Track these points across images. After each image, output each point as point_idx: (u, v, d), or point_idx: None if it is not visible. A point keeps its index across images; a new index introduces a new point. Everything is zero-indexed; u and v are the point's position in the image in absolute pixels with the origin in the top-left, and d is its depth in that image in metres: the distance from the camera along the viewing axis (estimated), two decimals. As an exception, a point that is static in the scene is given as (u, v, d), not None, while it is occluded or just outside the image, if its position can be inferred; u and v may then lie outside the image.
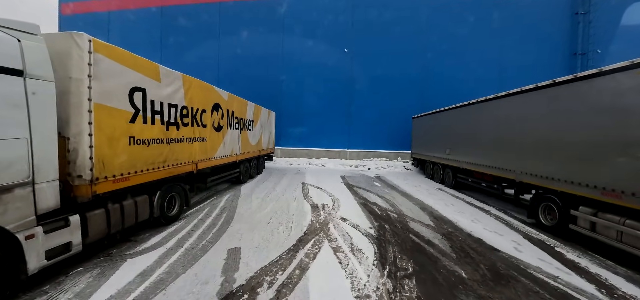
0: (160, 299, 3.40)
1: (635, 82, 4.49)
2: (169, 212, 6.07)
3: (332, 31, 20.01)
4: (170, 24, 22.44)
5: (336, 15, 19.97)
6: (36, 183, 3.43)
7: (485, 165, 8.73)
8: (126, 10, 23.53)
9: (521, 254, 4.99)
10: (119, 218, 4.69)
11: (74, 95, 3.91)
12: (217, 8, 21.41)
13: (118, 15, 23.70)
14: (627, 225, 4.60)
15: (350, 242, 5.23)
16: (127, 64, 4.75)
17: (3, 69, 3.12)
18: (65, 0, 25.11)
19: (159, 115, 5.60)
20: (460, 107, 10.53)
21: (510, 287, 3.88)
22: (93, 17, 24.28)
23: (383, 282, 3.89)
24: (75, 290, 3.57)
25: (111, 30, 23.56)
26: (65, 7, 25.19)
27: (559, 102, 5.99)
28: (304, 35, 20.32)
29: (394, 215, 7.16)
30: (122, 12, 23.62)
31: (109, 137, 4.38)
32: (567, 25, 18.83)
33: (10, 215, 3.17)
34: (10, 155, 3.17)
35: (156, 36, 22.72)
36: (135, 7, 23.36)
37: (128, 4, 23.55)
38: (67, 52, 3.87)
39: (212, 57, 21.50)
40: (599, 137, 5.07)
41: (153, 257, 4.46)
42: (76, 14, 24.83)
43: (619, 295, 3.79)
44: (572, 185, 5.59)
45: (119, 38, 23.33)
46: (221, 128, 8.71)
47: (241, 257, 4.55)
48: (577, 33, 18.68)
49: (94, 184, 4.15)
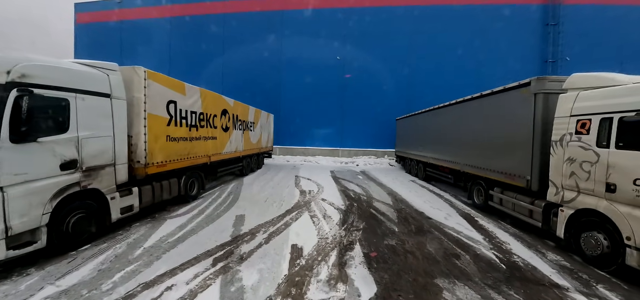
0: (194, 238, 5.36)
1: (521, 98, 6.43)
2: (190, 192, 8.06)
3: (327, 41, 21.96)
4: (178, 34, 24.48)
5: (331, 27, 21.91)
6: (116, 164, 5.43)
7: (443, 159, 10.68)
8: (137, 20, 25.57)
9: (446, 220, 6.94)
10: (160, 192, 6.69)
11: (136, 107, 5.90)
12: (222, 19, 23.42)
13: (130, 24, 25.72)
14: (517, 199, 6.54)
15: (324, 213, 7.20)
16: (165, 85, 6.74)
17: (100, 94, 5.11)
18: (81, 10, 27.23)
19: (184, 119, 7.59)
20: (429, 111, 12.48)
21: (424, 235, 5.83)
22: (106, 26, 26.33)
23: (339, 232, 5.85)
24: (138, 234, 5.54)
25: (124, 39, 25.62)
26: (80, 16, 27.29)
27: (480, 110, 7.95)
28: (300, 45, 22.27)
29: (364, 197, 9.13)
30: (133, 21, 25.65)
31: (154, 136, 6.37)
32: (539, 35, 20.75)
33: (103, 183, 5.17)
34: (104, 146, 5.17)
35: (165, 44, 24.75)
36: (146, 17, 25.40)
37: (139, 15, 25.60)
38: (131, 79, 5.85)
39: (216, 63, 23.52)
40: (502, 137, 7.02)
41: (185, 218, 6.45)
42: (90, 23, 26.91)
43: (496, 241, 5.71)
44: (490, 172, 7.54)
45: (130, 45, 25.48)
46: (228, 129, 10.70)
47: (245, 219, 6.53)
48: (548, 42, 20.60)
49: (146, 167, 6.13)
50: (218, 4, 23.70)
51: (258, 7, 22.89)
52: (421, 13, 21.30)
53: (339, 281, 3.89)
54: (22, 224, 3.91)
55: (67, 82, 4.54)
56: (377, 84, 21.62)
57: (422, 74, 21.24)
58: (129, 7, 25.69)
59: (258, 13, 22.85)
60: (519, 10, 20.78)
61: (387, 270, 4.26)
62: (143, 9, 25.43)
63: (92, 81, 4.98)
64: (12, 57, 3.98)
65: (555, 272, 4.39)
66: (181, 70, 23.19)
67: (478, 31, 20.89)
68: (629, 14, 20.06)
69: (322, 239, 5.46)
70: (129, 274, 3.96)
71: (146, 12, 25.44)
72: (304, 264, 4.36)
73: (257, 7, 22.90)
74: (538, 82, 5.91)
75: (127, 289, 3.58)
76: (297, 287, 3.70)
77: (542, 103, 5.85)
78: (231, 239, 5.33)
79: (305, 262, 4.45)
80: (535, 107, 5.91)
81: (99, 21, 26.60)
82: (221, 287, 3.67)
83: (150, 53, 24.78)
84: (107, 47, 25.97)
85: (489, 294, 3.69)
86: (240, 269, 4.16)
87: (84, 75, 4.86)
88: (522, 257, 4.90)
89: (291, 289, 3.66)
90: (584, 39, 20.23)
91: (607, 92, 4.58)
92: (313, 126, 22.44)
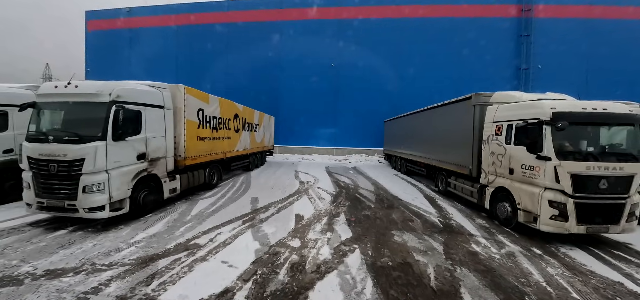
0: (224, 211, 7.35)
1: (465, 108, 8.52)
2: (212, 181, 10.07)
3: (323, 49, 24.02)
4: (185, 41, 26.36)
5: (325, 37, 23.98)
6: (167, 157, 7.44)
7: (418, 155, 12.80)
8: (146, 28, 27.40)
9: (413, 201, 9.03)
10: (192, 180, 8.70)
11: (178, 114, 7.90)
12: (226, 28, 25.37)
13: (139, 32, 27.54)
14: (464, 183, 8.64)
15: (319, 196, 9.26)
16: (196, 96, 8.74)
17: (157, 106, 7.12)
18: (91, 18, 28.97)
19: (208, 123, 9.59)
20: (409, 115, 14.61)
21: (392, 210, 7.91)
22: (116, 33, 28.11)
23: (330, 207, 7.91)
24: (182, 208, 7.54)
25: (133, 46, 27.44)
26: (91, 24, 29.02)
27: (442, 116, 10.09)
28: (299, 52, 24.30)
29: (352, 186, 11.21)
30: (143, 29, 27.47)
31: (190, 136, 8.37)
32: (513, 45, 23.01)
33: (159, 170, 7.17)
34: (160, 144, 7.17)
35: (172, 50, 26.63)
36: (154, 25, 27.25)
37: (147, 23, 27.44)
38: (175, 94, 7.85)
39: (219, 68, 25.45)
40: (455, 137, 9.12)
41: (212, 199, 8.47)
42: (101, 30, 28.66)
43: (444, 213, 7.79)
44: (448, 164, 9.64)
45: (140, 51, 27.32)
46: (239, 130, 12.71)
47: (258, 200, 8.56)
48: (522, 52, 22.86)
49: (184, 160, 8.13)
50: (222, 14, 25.64)
51: (259, 17, 24.89)
52: (408, 25, 23.45)
53: (327, 231, 5.95)
54: (117, 195, 5.91)
55: (140, 99, 6.54)
56: (367, 88, 23.71)
57: (408, 79, 23.36)
58: (138, 15, 27.54)
59: (259, 23, 24.84)
60: (495, 22, 23.03)
61: (360, 227, 6.33)
62: (150, 18, 27.29)
63: (153, 97, 6.98)
64: (111, 83, 5.98)
65: (475, 229, 6.49)
66: (186, 74, 25.14)
67: (459, 42, 23.06)
68: (595, 26, 22.36)
69: (317, 211, 7.53)
70: (188, 228, 5.97)
71: (153, 20, 27.30)
72: (305, 223, 6.42)
73: (259, 18, 24.90)
74: (476, 97, 8.02)
75: (192, 234, 5.60)
76: (300, 233, 5.76)
77: (478, 112, 7.94)
78: (251, 211, 7.36)
79: (306, 222, 6.51)
80: (474, 115, 8.01)
81: (109, 29, 28.36)
82: (252, 233, 5.72)
83: (157, 58, 26.68)
84: (117, 52, 27.83)
85: (423, 237, 5.78)
86: (261, 226, 6.20)
87: (148, 93, 6.87)
88: (458, 221, 7.01)
89: (297, 234, 5.71)
90: (553, 49, 22.52)
91: (510, 106, 6.71)
92: (310, 127, 24.48)
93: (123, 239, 5.35)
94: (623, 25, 21.94)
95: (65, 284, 3.80)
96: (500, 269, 4.50)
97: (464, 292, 3.81)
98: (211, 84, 24.31)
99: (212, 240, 5.35)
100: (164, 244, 5.12)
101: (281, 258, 4.64)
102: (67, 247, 4.94)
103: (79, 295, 3.53)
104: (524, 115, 6.19)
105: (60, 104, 5.96)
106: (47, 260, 4.46)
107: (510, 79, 22.97)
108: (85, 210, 5.58)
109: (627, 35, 21.76)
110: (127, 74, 27.18)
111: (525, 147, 5.99)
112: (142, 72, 26.51)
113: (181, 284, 3.83)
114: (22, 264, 4.34)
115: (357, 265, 4.46)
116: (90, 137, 5.58)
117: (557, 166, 5.38)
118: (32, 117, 6.02)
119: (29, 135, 5.90)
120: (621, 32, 21.82)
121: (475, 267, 4.53)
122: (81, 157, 5.49)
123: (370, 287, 3.85)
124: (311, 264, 4.45)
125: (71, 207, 5.60)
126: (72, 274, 4.06)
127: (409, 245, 5.32)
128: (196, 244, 5.14)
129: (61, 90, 5.87)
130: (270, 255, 4.76)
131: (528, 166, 5.95)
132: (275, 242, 5.33)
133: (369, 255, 4.82)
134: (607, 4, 22.17)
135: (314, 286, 3.83)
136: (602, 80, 21.90)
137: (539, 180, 5.67)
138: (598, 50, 22.20)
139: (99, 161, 5.58)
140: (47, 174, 5.61)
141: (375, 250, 5.07)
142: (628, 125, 5.61)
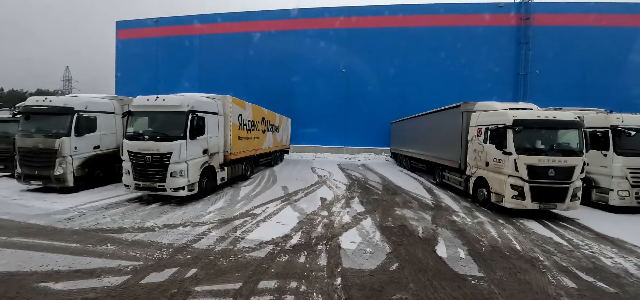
0: (263, 195, 9.46)
1: (456, 113, 10.42)
2: (247, 174, 12.23)
3: (334, 56, 26.06)
4: (207, 47, 28.75)
5: (336, 45, 26.02)
6: (219, 152, 9.61)
7: (420, 153, 14.71)
8: (170, 37, 29.90)
9: (414, 190, 10.99)
10: (234, 172, 10.86)
11: (226, 119, 10.06)
12: (243, 38, 27.65)
13: (164, 40, 30.06)
14: (455, 175, 10.55)
15: (336, 186, 11.31)
16: (237, 104, 10.90)
17: (214, 113, 9.28)
18: (121, 28, 31.66)
19: (245, 125, 11.75)
20: (412, 118, 16.52)
21: (396, 195, 9.90)
22: (144, 41, 30.72)
23: (345, 193, 9.95)
24: (231, 192, 9.68)
25: (160, 54, 29.98)
26: (121, 33, 31.72)
27: (438, 120, 12.01)
28: (312, 59, 26.39)
29: (362, 179, 13.23)
30: (167, 38, 29.99)
31: (234, 136, 10.52)
32: (513, 52, 24.59)
33: (215, 163, 9.35)
34: (216, 142, 9.35)
35: (195, 57, 29.06)
36: (178, 34, 29.73)
37: (172, 32, 29.94)
38: (224, 103, 10.01)
39: (239, 74, 27.74)
40: (448, 137, 11.03)
41: (251, 187, 10.61)
42: (130, 39, 31.33)
43: (437, 198, 9.72)
44: (443, 160, 11.55)
45: (165, 58, 29.85)
46: (265, 131, 14.86)
47: (288, 188, 10.65)
48: (521, 58, 24.43)
49: (230, 155, 10.28)
50: (241, 24, 27.94)
51: (277, 27, 27.12)
52: (415, 33, 25.31)
53: (346, 207, 8.00)
54: (193, 179, 8.08)
55: (205, 108, 8.71)
56: (375, 91, 25.65)
57: (414, 84, 25.16)
58: (164, 25, 30.09)
59: (277, 32, 27.05)
60: (496, 31, 24.66)
61: (370, 205, 8.36)
62: (176, 28, 29.78)
63: (211, 106, 9.15)
64: (187, 97, 8.18)
65: (459, 209, 8.43)
66: (208, 79, 27.51)
67: (462, 49, 24.78)
68: (589, 33, 23.79)
69: (336, 195, 9.59)
70: (243, 205, 8.10)
71: (179, 30, 29.78)
72: (328, 203, 8.49)
73: (278, 27, 27.13)
74: (464, 105, 9.93)
75: (248, 208, 7.72)
76: (327, 208, 7.83)
77: (466, 118, 9.84)
78: (285, 195, 9.47)
79: (329, 202, 8.58)
80: (462, 120, 9.91)
81: (137, 37, 30.99)
82: (291, 207, 7.82)
83: (181, 63, 29.17)
84: (145, 59, 30.43)
85: (418, 212, 7.77)
86: (296, 204, 8.29)
87: (209, 103, 9.04)
88: (447, 203, 8.97)
89: (324, 209, 7.79)
90: (551, 55, 24.04)
91: (488, 113, 8.63)
92: (322, 128, 26.54)
93: (200, 210, 7.49)
94: (617, 32, 23.34)
95: (182, 230, 5.94)
96: (469, 229, 6.47)
97: (441, 240, 5.80)
98: (234, 90, 26.57)
99: (264, 211, 7.47)
100: (232, 213, 7.25)
101: (317, 221, 6.72)
102: (166, 214, 7.11)
103: (196, 234, 5.66)
104: (495, 121, 8.10)
105: (151, 112, 8.17)
106: (160, 219, 6.63)
107: (510, 83, 24.61)
108: (172, 189, 7.76)
109: (621, 41, 23.18)
110: (155, 78, 29.83)
111: (494, 145, 7.91)
112: (168, 77, 29.11)
113: (255, 233, 5.91)
114: (144, 221, 6.51)
115: (369, 225, 6.50)
116: (175, 137, 7.76)
117: (517, 159, 7.29)
118: (129, 122, 8.24)
119: (128, 134, 8.12)
120: (615, 39, 23.24)
121: (451, 228, 6.52)
122: (169, 151, 7.67)
123: (379, 235, 5.89)
124: (338, 224, 6.51)
125: (161, 187, 7.77)
126: (181, 227, 6.20)
127: (406, 216, 7.33)
128: (254, 213, 7.25)
129: (152, 102, 8.07)
130: (308, 218, 6.85)
131: (497, 159, 7.87)
132: (310, 212, 7.41)
133: (377, 221, 6.85)
134: (601, 12, 23.62)
135: (342, 234, 5.89)
136: (598, 84, 23.30)
137: (505, 169, 7.59)
138: (593, 55, 23.64)
139: (182, 154, 7.75)
140: (143, 163, 7.80)
141: (382, 218, 7.10)
142: (572, 129, 7.48)
